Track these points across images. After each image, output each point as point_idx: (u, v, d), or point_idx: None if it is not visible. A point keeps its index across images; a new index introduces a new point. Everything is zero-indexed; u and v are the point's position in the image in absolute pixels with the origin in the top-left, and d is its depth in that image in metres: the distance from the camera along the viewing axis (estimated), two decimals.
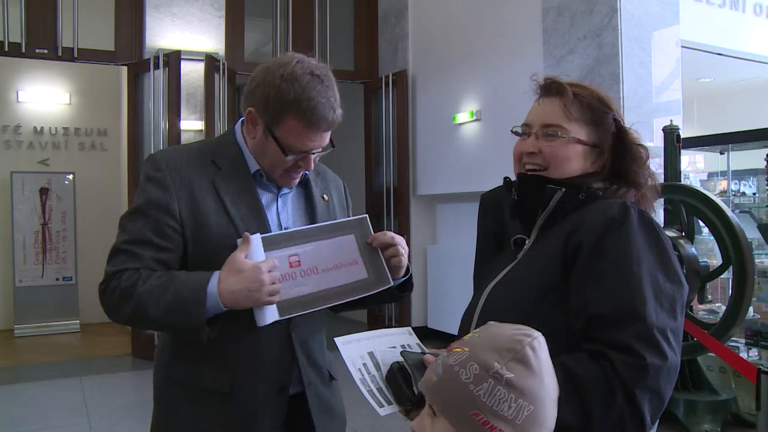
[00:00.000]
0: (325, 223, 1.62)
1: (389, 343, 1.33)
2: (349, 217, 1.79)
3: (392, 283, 1.60)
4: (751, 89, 8.56)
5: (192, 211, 1.51)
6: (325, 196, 1.73)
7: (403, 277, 1.65)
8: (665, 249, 1.21)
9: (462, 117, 6.50)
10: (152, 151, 5.97)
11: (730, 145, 4.37)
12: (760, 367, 1.66)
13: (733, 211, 3.81)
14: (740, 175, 5.42)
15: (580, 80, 1.40)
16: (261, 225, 1.55)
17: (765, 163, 4.15)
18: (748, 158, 5.11)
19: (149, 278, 1.44)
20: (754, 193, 4.89)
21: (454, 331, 1.57)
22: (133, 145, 6.38)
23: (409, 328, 1.42)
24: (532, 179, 1.32)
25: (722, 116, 8.14)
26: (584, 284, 1.17)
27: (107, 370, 5.93)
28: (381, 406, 1.20)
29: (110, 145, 8.43)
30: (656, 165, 4.84)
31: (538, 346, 0.96)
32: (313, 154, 1.54)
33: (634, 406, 1.08)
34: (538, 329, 1.15)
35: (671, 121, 4.00)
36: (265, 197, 1.61)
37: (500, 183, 1.43)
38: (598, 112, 1.32)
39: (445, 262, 6.76)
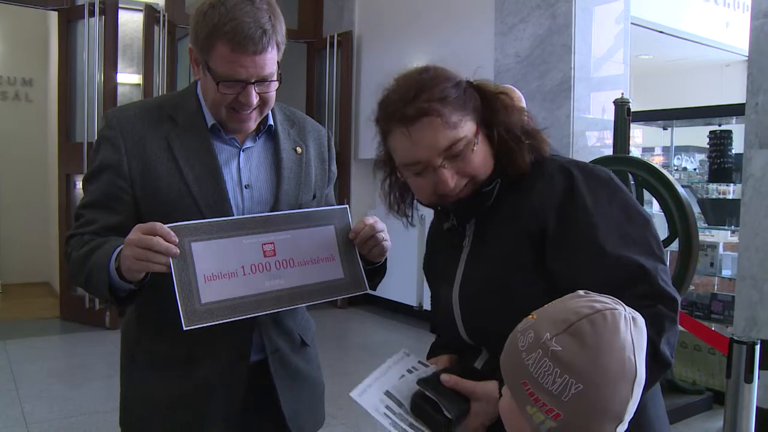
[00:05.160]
0: (301, 210, 1.51)
1: (397, 374, 1.28)
2: (330, 169, 1.69)
3: (368, 289, 1.51)
4: (688, 69, 8.84)
5: (143, 171, 1.45)
6: (299, 148, 1.60)
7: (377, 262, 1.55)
8: (619, 194, 1.17)
9: None
10: (85, 105, 5.69)
11: (674, 121, 4.48)
12: (732, 336, 1.71)
13: None
14: (681, 151, 5.59)
15: (408, 73, 1.23)
16: (216, 184, 1.46)
17: (707, 139, 4.28)
18: (689, 134, 5.29)
19: (85, 245, 1.41)
20: (695, 169, 5.07)
21: (393, 296, 1.55)
22: (64, 98, 6.01)
23: (404, 350, 1.35)
24: (470, 199, 1.22)
25: (659, 93, 8.37)
26: (567, 268, 1.13)
27: (34, 333, 5.65)
28: None
29: (36, 96, 7.94)
30: (604, 138, 4.95)
31: (600, 321, 0.86)
32: (253, 84, 1.38)
33: (658, 355, 1.07)
34: (524, 312, 1.12)
35: (622, 94, 4.06)
36: (225, 153, 1.51)
37: None
38: (460, 96, 1.18)
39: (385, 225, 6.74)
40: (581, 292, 0.94)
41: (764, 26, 3.66)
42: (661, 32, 6.51)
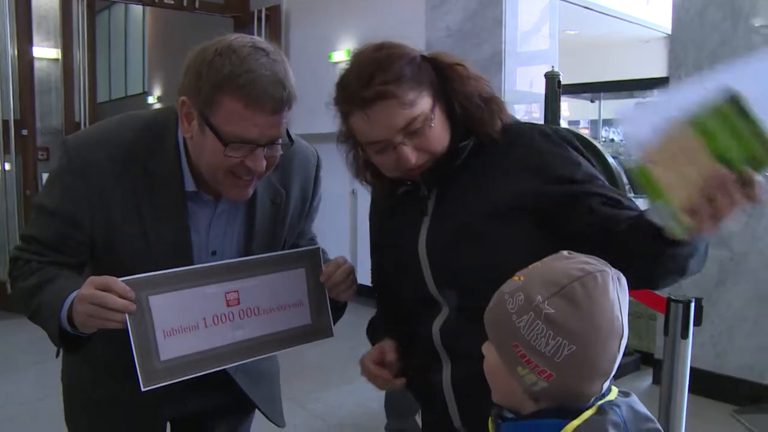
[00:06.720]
0: (271, 254, 1.39)
1: None
2: (311, 205, 1.54)
3: (333, 335, 1.43)
4: (610, 44, 9.10)
5: (106, 231, 1.31)
6: (277, 198, 1.43)
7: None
8: (582, 154, 1.25)
9: (338, 56, 6.36)
10: None
11: (602, 93, 4.61)
12: (669, 296, 1.80)
13: None
14: (606, 124, 5.76)
15: (363, 52, 1.22)
16: (182, 255, 1.33)
17: None
18: (614, 107, 5.46)
19: (33, 274, 1.30)
20: (621, 140, 5.24)
21: None
22: None
23: None
24: (437, 165, 1.24)
25: (583, 68, 8.58)
26: (590, 205, 1.16)
27: None
28: None
29: None
30: (532, 111, 5.05)
31: (592, 283, 0.87)
32: (262, 147, 1.22)
33: None
34: (494, 258, 1.17)
35: (552, 67, 4.13)
36: (196, 216, 1.36)
37: None
38: (415, 72, 1.18)
39: None
40: (565, 252, 0.95)
41: (685, 3, 3.80)
42: (586, 8, 6.66)
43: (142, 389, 1.19)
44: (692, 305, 1.76)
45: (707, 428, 3.15)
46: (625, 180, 4.41)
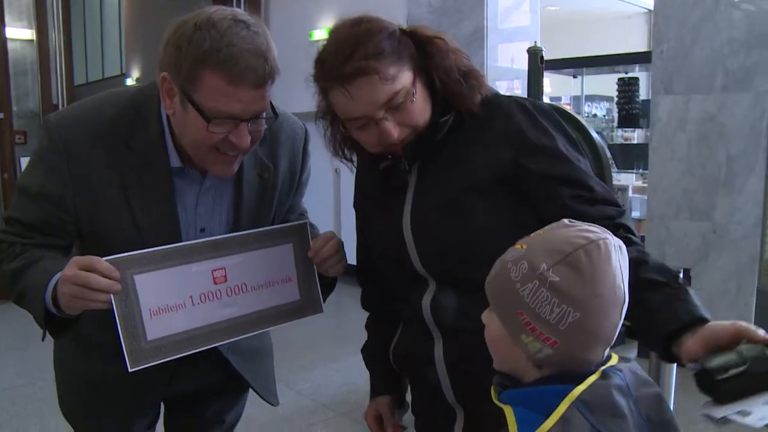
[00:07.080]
0: (257, 230, 1.36)
1: None
2: (299, 180, 1.51)
3: (323, 310, 1.41)
4: (591, 20, 9.08)
5: (90, 210, 1.28)
6: (265, 172, 1.40)
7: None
8: (561, 125, 1.24)
9: (319, 34, 6.29)
10: None
11: (584, 69, 4.60)
12: None
13: None
14: (588, 99, 5.76)
15: (341, 27, 1.20)
16: (171, 234, 1.30)
17: (616, 87, 4.42)
18: (595, 83, 5.45)
19: (17, 257, 1.27)
20: (604, 116, 5.24)
21: None
22: None
23: None
24: (419, 139, 1.23)
25: (565, 44, 8.57)
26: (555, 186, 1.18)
27: None
28: None
29: None
30: (514, 87, 5.03)
31: (595, 251, 0.87)
32: (246, 121, 1.20)
33: None
34: (477, 233, 1.18)
35: (535, 42, 4.11)
36: (183, 193, 1.33)
37: None
38: (395, 47, 1.16)
39: None
40: (566, 221, 0.95)
41: None
42: None
43: (129, 370, 1.18)
44: (680, 276, 1.76)
45: (694, 398, 3.19)
46: (608, 154, 4.43)
